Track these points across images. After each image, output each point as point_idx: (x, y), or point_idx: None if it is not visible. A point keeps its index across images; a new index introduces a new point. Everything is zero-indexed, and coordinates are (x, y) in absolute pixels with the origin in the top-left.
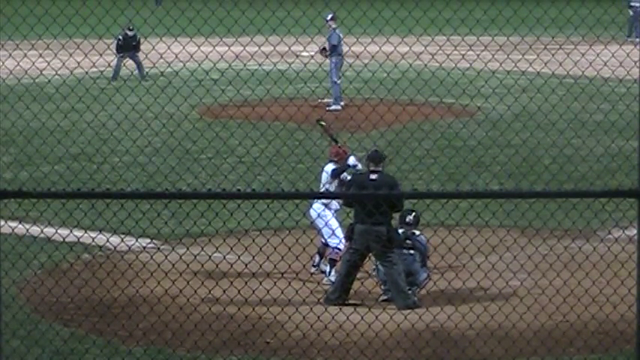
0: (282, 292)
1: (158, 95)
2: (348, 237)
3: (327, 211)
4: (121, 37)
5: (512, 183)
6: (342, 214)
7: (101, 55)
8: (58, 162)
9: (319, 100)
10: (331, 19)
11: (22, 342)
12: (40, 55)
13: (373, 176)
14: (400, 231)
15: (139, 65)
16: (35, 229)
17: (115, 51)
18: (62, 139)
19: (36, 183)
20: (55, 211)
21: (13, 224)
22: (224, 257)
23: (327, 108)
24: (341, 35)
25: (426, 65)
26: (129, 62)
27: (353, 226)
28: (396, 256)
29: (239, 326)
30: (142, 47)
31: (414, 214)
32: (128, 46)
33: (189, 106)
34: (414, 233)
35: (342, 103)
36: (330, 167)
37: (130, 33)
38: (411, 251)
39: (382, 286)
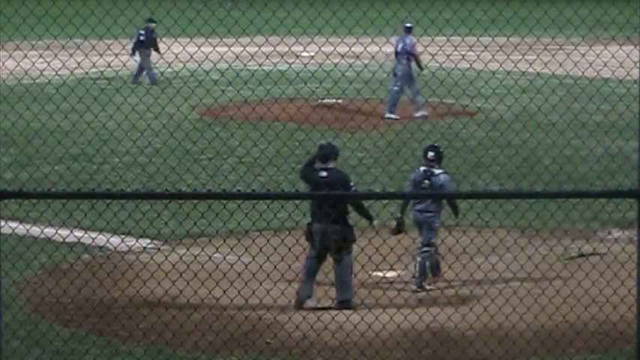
0: (283, 293)
1: (158, 96)
2: (307, 237)
3: None
4: (142, 32)
5: (512, 183)
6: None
7: (101, 55)
8: (58, 162)
9: (319, 100)
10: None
11: (22, 342)
12: (40, 56)
13: (323, 173)
14: (421, 169)
15: (142, 66)
16: (35, 230)
17: (129, 51)
18: (62, 140)
19: (36, 183)
20: (56, 212)
21: (13, 225)
22: (224, 258)
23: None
24: (407, 42)
25: (426, 65)
26: (130, 62)
27: (310, 226)
28: (348, 253)
29: (239, 327)
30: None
31: (435, 150)
32: (152, 41)
33: (190, 106)
34: (433, 172)
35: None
36: None
37: (152, 25)
38: (432, 213)
39: (415, 276)
